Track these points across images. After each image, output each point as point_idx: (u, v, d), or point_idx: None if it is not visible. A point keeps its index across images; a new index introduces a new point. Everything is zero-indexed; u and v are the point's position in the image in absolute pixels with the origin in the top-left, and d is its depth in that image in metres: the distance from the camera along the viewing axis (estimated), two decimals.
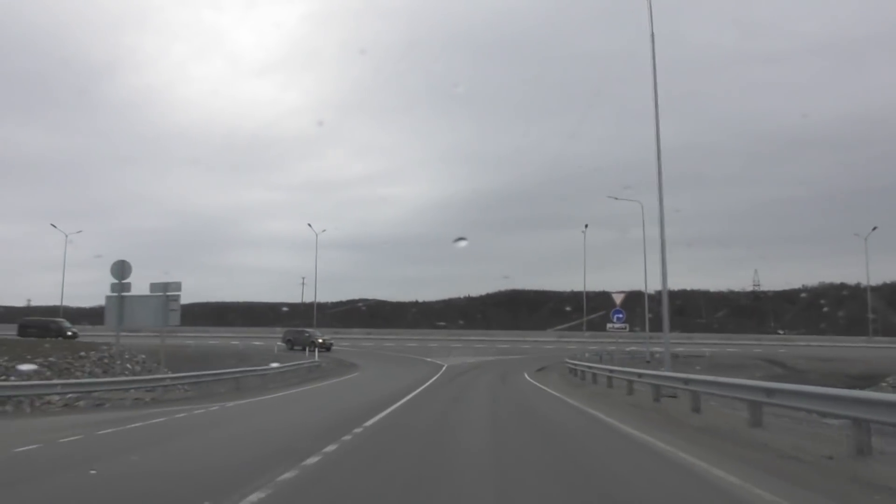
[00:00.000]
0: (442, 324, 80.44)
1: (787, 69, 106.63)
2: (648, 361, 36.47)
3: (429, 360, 39.14)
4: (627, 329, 31.98)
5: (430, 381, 24.13)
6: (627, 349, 44.00)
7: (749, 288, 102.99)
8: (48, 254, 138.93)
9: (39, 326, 44.35)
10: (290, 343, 47.84)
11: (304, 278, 78.21)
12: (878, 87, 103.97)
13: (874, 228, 61.00)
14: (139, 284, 23.27)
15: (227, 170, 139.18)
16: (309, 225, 61.03)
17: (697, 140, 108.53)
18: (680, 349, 48.14)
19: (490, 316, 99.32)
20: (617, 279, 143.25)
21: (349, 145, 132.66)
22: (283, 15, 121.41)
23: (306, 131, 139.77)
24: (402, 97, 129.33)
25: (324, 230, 62.03)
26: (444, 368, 32.44)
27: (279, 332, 52.61)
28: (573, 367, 27.40)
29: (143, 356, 26.35)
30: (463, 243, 32.35)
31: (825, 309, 74.78)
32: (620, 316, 30.02)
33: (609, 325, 30.79)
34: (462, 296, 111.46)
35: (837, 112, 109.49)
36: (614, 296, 30.87)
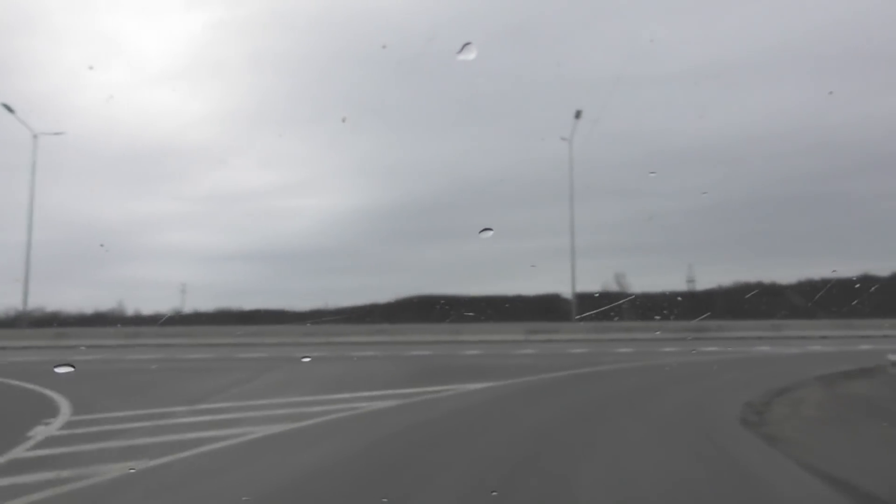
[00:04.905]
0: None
1: (675, 90, 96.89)
2: None
3: None
4: None
5: None
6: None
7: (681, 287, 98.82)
8: None
9: None
10: None
11: (184, 284, 61.95)
12: (755, 108, 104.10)
13: None
14: None
15: (126, 180, 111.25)
16: (6, 106, 27.47)
17: (599, 154, 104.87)
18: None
19: (396, 316, 75.32)
20: (527, 286, 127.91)
21: (256, 156, 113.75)
22: (187, 23, 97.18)
23: (211, 142, 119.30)
24: (314, 109, 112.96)
25: (59, 134, 34.83)
26: None
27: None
28: None
29: None
30: (489, 233, 13.36)
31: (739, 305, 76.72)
32: None
33: None
34: (367, 303, 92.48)
35: (726, 130, 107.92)
36: None
